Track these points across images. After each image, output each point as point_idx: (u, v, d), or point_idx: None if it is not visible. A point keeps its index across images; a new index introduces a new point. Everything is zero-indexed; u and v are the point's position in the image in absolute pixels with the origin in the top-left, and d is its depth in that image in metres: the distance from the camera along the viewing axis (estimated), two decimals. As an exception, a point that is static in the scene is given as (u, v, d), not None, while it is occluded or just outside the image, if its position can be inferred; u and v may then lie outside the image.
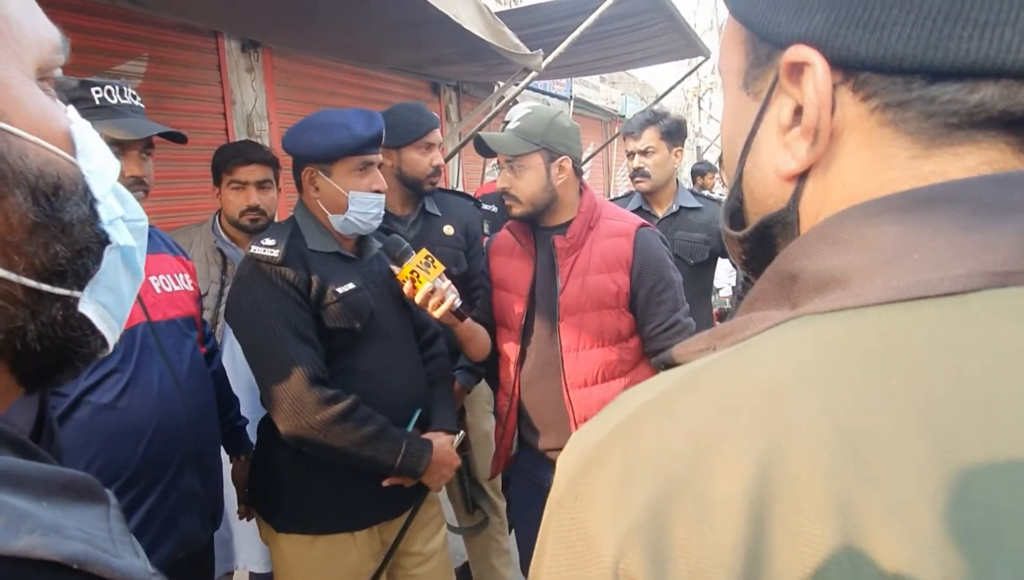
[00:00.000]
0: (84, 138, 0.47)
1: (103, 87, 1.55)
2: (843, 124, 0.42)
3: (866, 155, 0.42)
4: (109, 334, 0.49)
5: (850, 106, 0.42)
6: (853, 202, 0.42)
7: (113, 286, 0.48)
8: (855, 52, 0.40)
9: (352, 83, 5.26)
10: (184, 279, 1.81)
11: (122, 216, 0.49)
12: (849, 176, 0.43)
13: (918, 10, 0.37)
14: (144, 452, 1.56)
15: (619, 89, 12.53)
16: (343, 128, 1.73)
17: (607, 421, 0.40)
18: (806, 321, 0.38)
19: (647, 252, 1.89)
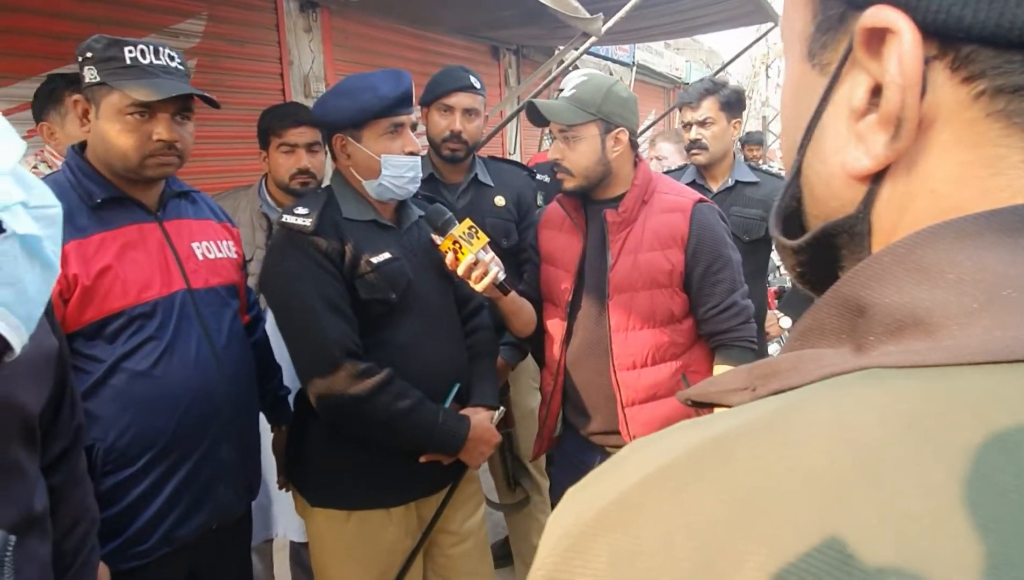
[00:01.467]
0: None
1: (135, 46, 1.49)
2: (935, 112, 0.33)
3: (965, 155, 0.32)
4: (9, 333, 0.42)
5: (946, 89, 0.32)
6: (945, 216, 0.32)
7: (12, 280, 0.41)
8: (957, 17, 0.30)
9: (410, 45, 5.19)
10: (228, 246, 1.77)
11: (22, 201, 0.43)
12: (941, 181, 0.33)
13: None
14: (179, 421, 1.55)
15: (684, 56, 12.18)
16: (368, 91, 1.67)
17: (604, 489, 0.31)
18: (875, 378, 0.29)
19: (704, 229, 1.79)
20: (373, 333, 1.72)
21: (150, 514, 1.53)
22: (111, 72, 1.46)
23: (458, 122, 2.27)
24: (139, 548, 1.52)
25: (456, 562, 1.98)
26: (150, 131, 1.50)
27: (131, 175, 1.54)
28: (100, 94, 1.48)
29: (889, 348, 0.30)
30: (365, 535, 1.78)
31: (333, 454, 1.77)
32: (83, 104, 1.52)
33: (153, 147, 1.51)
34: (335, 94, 1.72)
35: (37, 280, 0.45)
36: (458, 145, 2.29)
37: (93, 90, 1.49)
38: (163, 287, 1.57)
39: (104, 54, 1.47)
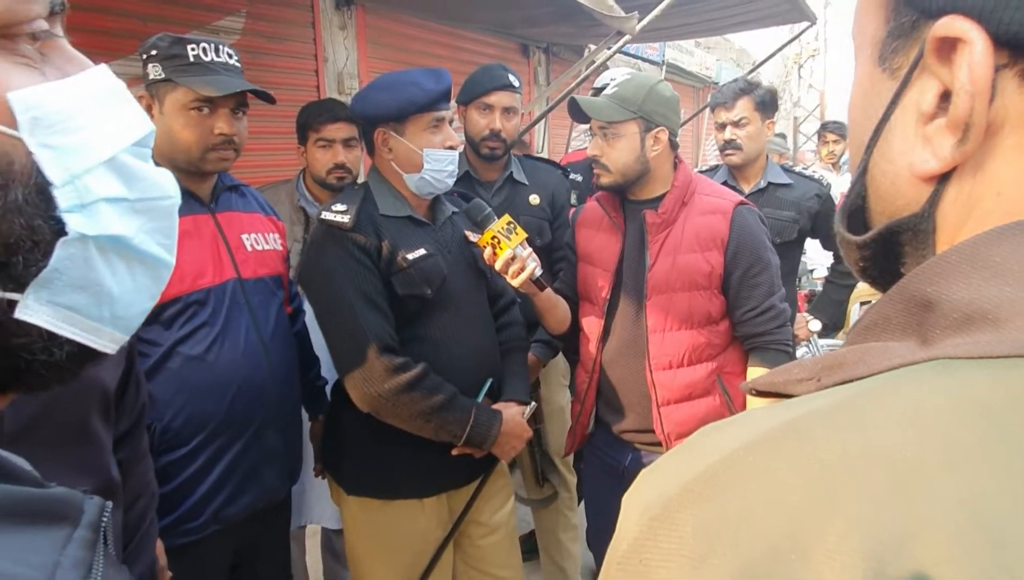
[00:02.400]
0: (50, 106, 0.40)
1: (198, 44, 1.56)
2: (1003, 118, 0.34)
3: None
4: (87, 338, 0.42)
5: (1015, 97, 0.34)
6: (1011, 218, 0.34)
7: (85, 284, 0.41)
8: None
9: (442, 43, 5.23)
10: (274, 239, 1.83)
11: (120, 197, 0.42)
12: (1006, 184, 0.35)
13: None
14: (229, 405, 1.61)
15: (714, 55, 12.09)
16: (411, 85, 1.71)
17: (682, 467, 0.33)
18: (945, 368, 0.30)
19: (744, 231, 1.79)
20: (408, 328, 1.75)
21: (201, 493, 1.59)
22: (175, 69, 1.53)
23: (498, 121, 2.29)
24: (191, 525, 1.59)
25: (485, 553, 2.01)
26: (212, 125, 1.57)
27: (192, 168, 1.60)
28: (164, 90, 1.55)
29: (956, 340, 0.31)
30: (398, 524, 1.82)
31: (368, 444, 1.81)
32: (147, 100, 1.58)
33: (214, 141, 1.59)
34: (376, 89, 1.75)
35: (128, 278, 0.44)
36: (497, 144, 2.31)
37: (157, 86, 1.56)
38: (215, 276, 1.63)
39: (169, 52, 1.54)
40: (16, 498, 0.36)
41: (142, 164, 0.45)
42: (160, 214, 0.46)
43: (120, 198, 0.43)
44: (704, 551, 0.29)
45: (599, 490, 2.10)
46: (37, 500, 0.36)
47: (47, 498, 0.37)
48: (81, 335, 0.42)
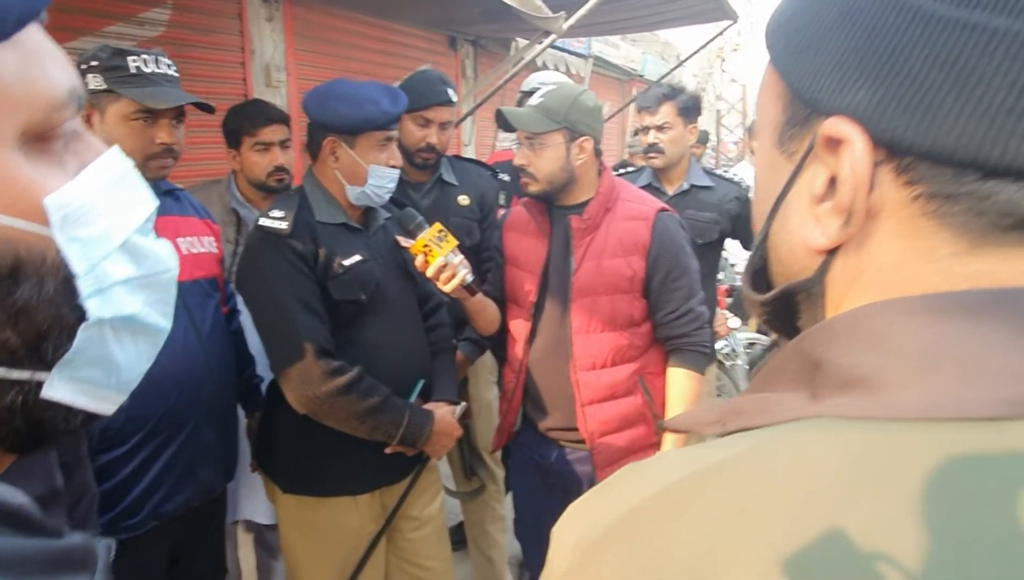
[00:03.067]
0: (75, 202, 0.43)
1: (139, 56, 1.59)
2: (881, 205, 0.38)
3: (904, 243, 0.38)
4: (98, 406, 0.47)
5: (890, 188, 0.38)
6: (887, 291, 0.38)
7: (99, 359, 0.45)
8: (900, 137, 0.36)
9: (371, 35, 5.21)
10: (209, 242, 1.86)
11: (130, 277, 0.46)
12: (884, 261, 0.39)
13: (977, 101, 0.33)
14: (167, 405, 1.65)
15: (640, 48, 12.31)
16: (371, 103, 1.75)
17: (608, 507, 0.38)
18: (830, 427, 0.35)
19: (665, 237, 1.88)
20: (343, 332, 1.80)
21: (140, 490, 1.63)
22: (117, 80, 1.56)
23: (434, 135, 2.33)
24: (130, 522, 1.62)
25: (416, 545, 2.08)
26: (153, 135, 1.61)
27: None
28: (106, 101, 1.58)
29: (839, 400, 0.36)
30: (333, 520, 1.88)
31: (303, 443, 1.85)
32: (87, 110, 1.59)
33: (155, 150, 1.63)
34: (335, 98, 1.77)
35: (132, 348, 0.48)
36: (431, 155, 2.35)
37: (98, 97, 1.58)
38: None
39: (109, 63, 1.56)
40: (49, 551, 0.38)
41: (148, 242, 0.49)
42: (162, 286, 0.50)
43: (131, 278, 0.47)
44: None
45: (525, 485, 2.19)
46: (58, 552, 0.39)
47: (67, 549, 0.39)
48: (94, 404, 0.46)
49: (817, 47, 0.40)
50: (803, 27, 0.42)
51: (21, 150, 0.40)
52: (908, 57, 0.35)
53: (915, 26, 0.35)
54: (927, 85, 0.35)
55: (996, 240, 0.35)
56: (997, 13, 0.33)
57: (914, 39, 0.35)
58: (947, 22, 0.34)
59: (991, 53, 0.33)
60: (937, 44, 0.34)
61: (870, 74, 0.37)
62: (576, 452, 2.00)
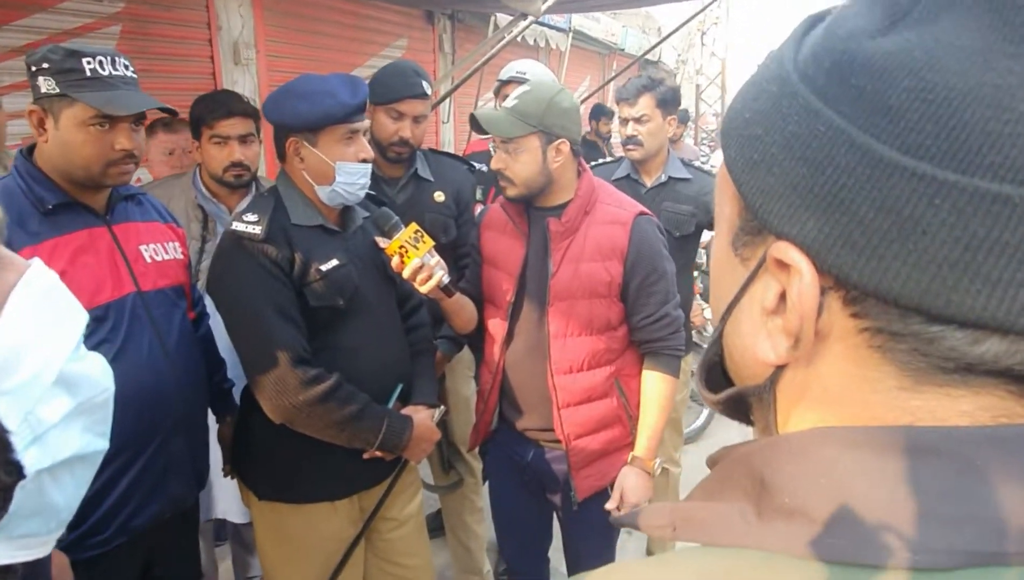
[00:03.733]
0: (4, 349, 0.40)
1: (94, 58, 1.50)
2: (829, 329, 0.39)
3: (851, 369, 0.38)
4: (37, 553, 0.44)
5: (839, 315, 0.38)
6: (833, 411, 0.39)
7: (38, 510, 0.43)
8: (847, 274, 0.36)
9: (344, 9, 5.08)
10: (174, 247, 1.80)
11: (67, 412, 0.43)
12: (831, 383, 0.40)
13: (921, 252, 0.33)
14: (133, 419, 1.58)
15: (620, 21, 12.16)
16: (328, 96, 1.68)
17: None
18: (770, 563, 0.36)
19: (643, 242, 1.86)
20: (321, 337, 1.76)
21: (107, 506, 1.58)
22: (71, 84, 1.47)
23: (408, 129, 2.27)
24: (97, 538, 1.58)
25: (396, 545, 2.07)
26: (112, 141, 1.53)
27: (91, 183, 1.56)
28: (60, 105, 1.49)
29: (780, 526, 0.36)
30: (310, 526, 1.86)
31: (278, 450, 1.82)
32: (39, 114, 1.51)
33: (115, 156, 1.54)
34: (290, 96, 1.71)
35: (71, 483, 0.45)
36: (404, 149, 2.30)
37: (51, 101, 1.49)
38: (114, 291, 1.59)
39: (62, 65, 1.47)
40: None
41: (81, 366, 0.45)
42: (99, 407, 0.47)
43: (67, 413, 0.43)
44: None
45: (503, 483, 2.19)
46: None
47: None
48: (33, 554, 0.44)
49: (769, 165, 0.39)
50: (756, 140, 0.41)
51: None
52: (856, 197, 0.35)
53: (863, 167, 0.35)
54: (873, 228, 0.35)
55: (939, 379, 0.36)
56: (945, 166, 0.33)
57: (861, 180, 0.35)
58: (895, 168, 0.34)
59: (937, 205, 0.33)
60: (884, 189, 0.34)
61: (818, 207, 0.37)
62: (553, 451, 2.00)
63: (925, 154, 0.33)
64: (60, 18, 3.11)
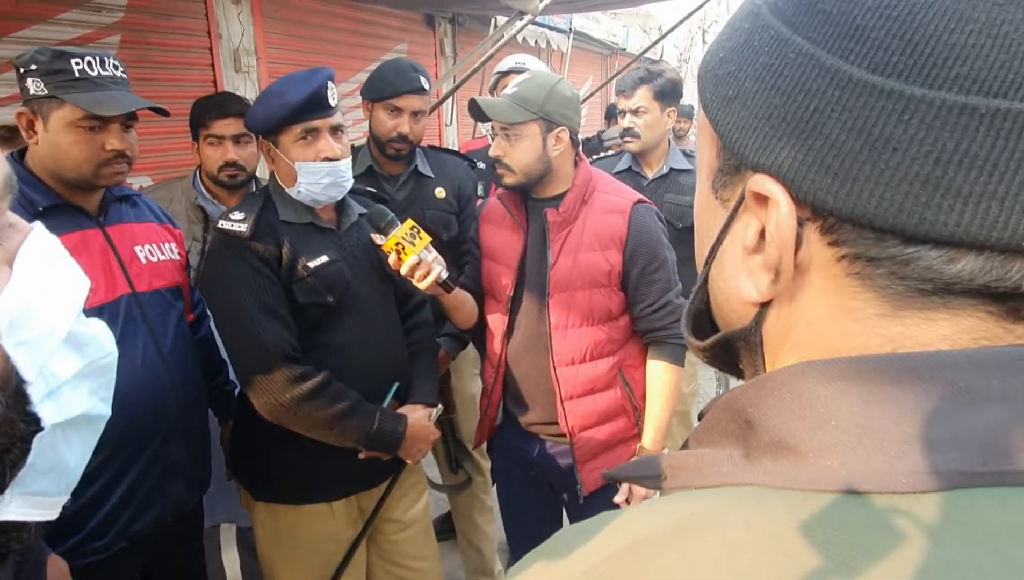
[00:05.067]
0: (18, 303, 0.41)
1: (83, 58, 1.49)
2: (810, 261, 0.39)
3: (831, 300, 0.38)
4: (47, 515, 0.44)
5: (817, 246, 0.38)
6: (817, 347, 0.39)
7: (51, 467, 0.43)
8: (822, 200, 0.36)
9: (344, 15, 5.08)
10: (171, 248, 1.79)
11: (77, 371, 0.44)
12: (814, 317, 0.39)
13: (893, 170, 0.34)
14: (128, 423, 1.57)
15: (621, 21, 12.15)
16: (275, 97, 1.67)
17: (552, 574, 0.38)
18: (759, 500, 0.35)
19: (642, 231, 1.84)
20: (311, 335, 1.75)
21: (106, 511, 1.57)
22: (60, 85, 1.46)
23: (406, 124, 2.26)
24: (97, 543, 1.57)
25: (401, 547, 2.05)
26: (103, 141, 1.53)
27: (83, 184, 1.56)
28: (49, 107, 1.48)
29: (767, 464, 0.36)
30: (308, 527, 1.84)
31: (275, 451, 1.80)
32: (28, 116, 1.50)
33: (106, 157, 1.54)
34: (259, 99, 1.72)
35: (79, 445, 0.46)
36: (403, 145, 2.29)
37: (40, 102, 1.48)
38: (108, 292, 1.58)
39: (50, 67, 1.46)
40: None
41: (88, 328, 0.46)
42: (103, 371, 0.48)
43: (77, 372, 0.44)
44: None
45: (510, 479, 2.16)
46: None
47: None
48: (44, 514, 0.44)
49: (743, 100, 0.40)
50: (730, 76, 0.41)
51: None
52: (827, 121, 0.35)
53: (833, 89, 0.35)
54: (846, 150, 0.35)
55: (919, 303, 0.36)
56: (912, 81, 0.33)
57: (832, 102, 0.35)
58: (864, 87, 0.34)
59: (906, 122, 0.33)
60: (854, 109, 0.35)
61: (792, 135, 0.37)
62: (558, 446, 1.97)
63: (892, 71, 0.33)
64: (59, 29, 3.11)
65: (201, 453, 1.84)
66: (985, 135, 0.32)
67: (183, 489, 1.75)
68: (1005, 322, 0.35)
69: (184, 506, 1.77)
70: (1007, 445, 0.32)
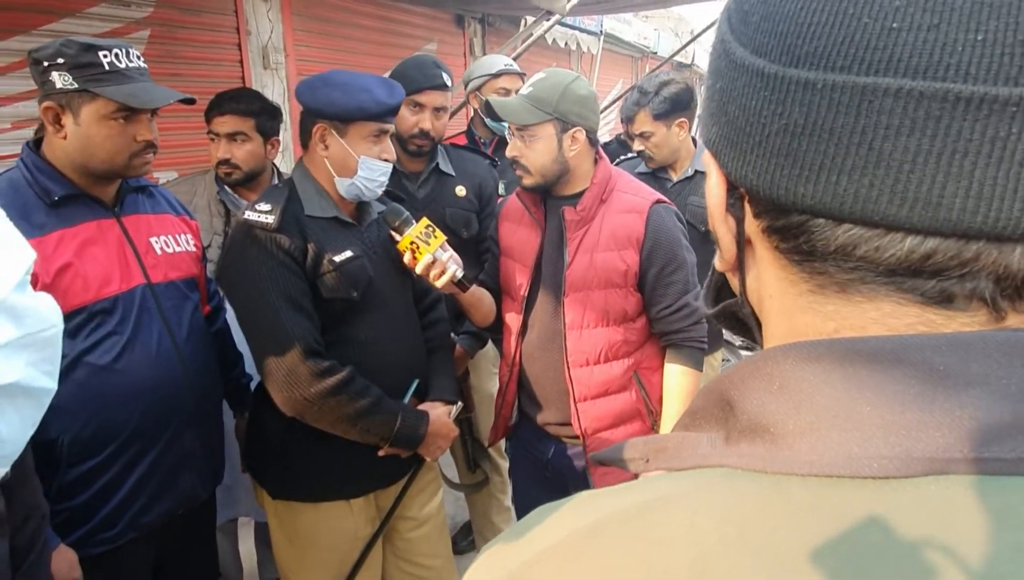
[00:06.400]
0: None
1: (110, 51, 1.50)
2: (754, 235, 0.40)
3: (777, 272, 0.40)
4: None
5: (751, 221, 0.40)
6: (781, 318, 0.40)
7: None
8: (730, 172, 0.39)
9: (373, 13, 5.09)
10: (187, 240, 1.79)
11: (10, 340, 0.43)
12: (773, 290, 0.41)
13: (764, 143, 0.36)
14: (142, 412, 1.58)
15: (652, 24, 12.08)
16: (365, 91, 1.68)
17: (512, 553, 0.39)
18: (729, 482, 0.35)
19: (660, 231, 1.81)
20: (334, 330, 1.74)
21: (116, 501, 1.57)
22: (90, 78, 1.48)
23: (428, 120, 2.26)
24: (106, 534, 1.57)
25: (415, 545, 2.04)
26: (134, 133, 1.55)
27: (112, 175, 1.58)
28: (80, 101, 1.49)
29: (743, 447, 0.36)
30: (325, 525, 1.83)
31: (292, 448, 1.79)
32: (55, 110, 1.51)
33: (137, 148, 1.56)
34: (328, 84, 1.70)
35: (16, 416, 0.45)
36: (425, 142, 2.29)
37: (69, 96, 1.49)
38: (123, 282, 1.59)
39: (79, 60, 1.47)
40: None
41: (27, 299, 0.45)
42: (45, 344, 0.47)
43: (10, 341, 0.43)
44: None
45: (526, 479, 2.15)
46: None
47: None
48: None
49: (707, 101, 0.43)
50: (708, 89, 0.44)
51: None
52: (729, 100, 0.38)
53: (732, 71, 0.38)
54: (737, 125, 0.37)
55: (834, 283, 0.36)
56: (774, 59, 0.35)
57: (729, 83, 0.38)
58: (746, 67, 0.37)
59: (766, 97, 0.35)
60: (739, 88, 0.37)
61: (716, 115, 0.40)
62: (574, 447, 1.95)
63: (762, 50, 0.36)
64: (88, 23, 3.14)
65: (215, 445, 1.84)
66: (828, 108, 0.33)
67: (195, 481, 1.75)
68: (935, 307, 0.35)
69: (196, 498, 1.77)
70: (985, 431, 0.31)
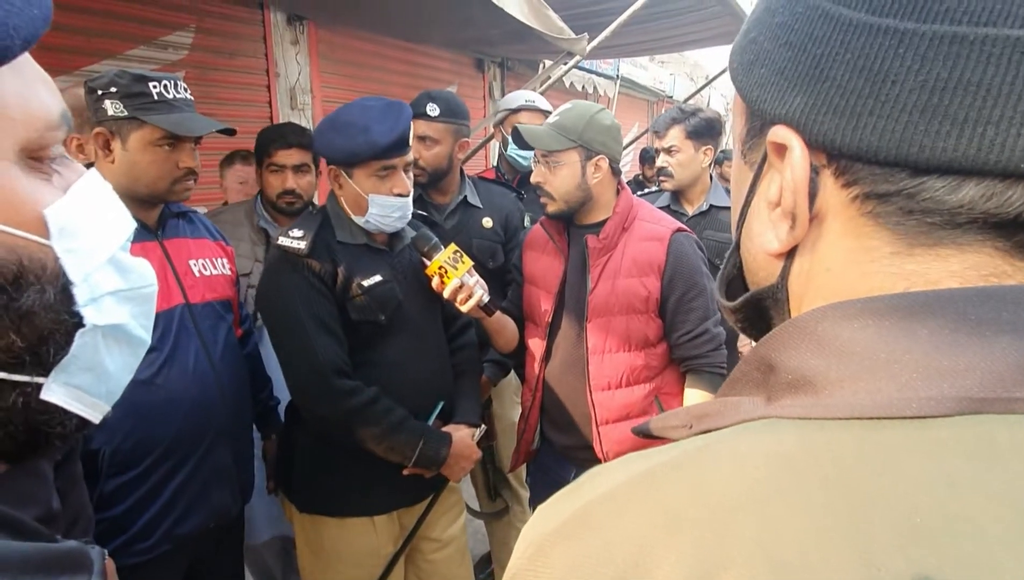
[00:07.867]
0: (70, 216, 0.46)
1: (159, 82, 1.60)
2: (826, 208, 0.41)
3: (849, 243, 0.40)
4: (88, 413, 0.49)
5: (832, 191, 0.40)
6: (836, 291, 0.41)
7: (92, 366, 0.48)
8: (832, 140, 0.38)
9: (396, 57, 5.24)
10: (223, 264, 1.87)
11: (119, 289, 0.49)
12: (833, 262, 0.41)
13: (893, 101, 0.36)
14: (178, 427, 1.64)
15: (668, 69, 12.28)
16: (361, 133, 1.70)
17: (564, 507, 0.40)
18: (772, 427, 0.37)
19: (680, 258, 1.86)
20: (363, 352, 1.79)
21: (152, 513, 1.62)
22: (140, 107, 1.57)
23: (416, 151, 2.26)
24: (142, 545, 1.61)
25: (437, 567, 2.06)
26: (176, 160, 1.63)
27: (155, 199, 1.66)
28: (129, 128, 1.58)
29: (786, 401, 0.38)
30: (349, 540, 1.86)
31: (320, 464, 1.84)
32: (105, 136, 1.60)
33: (180, 174, 1.65)
34: (332, 127, 1.75)
35: (119, 358, 0.50)
36: (417, 171, 2.26)
37: (119, 123, 1.58)
38: (163, 302, 1.65)
39: (130, 89, 1.56)
40: (46, 553, 0.41)
41: (130, 258, 0.51)
42: (144, 300, 0.53)
43: (119, 290, 0.50)
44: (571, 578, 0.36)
45: (546, 506, 2.15)
46: (61, 554, 0.42)
47: (64, 551, 0.43)
48: (85, 411, 0.49)
49: (763, 60, 0.43)
50: (753, 43, 0.45)
51: (19, 166, 0.44)
52: (832, 63, 0.38)
53: (836, 33, 0.38)
54: (849, 89, 0.37)
55: (928, 240, 0.37)
56: (906, 18, 0.35)
57: (836, 46, 0.38)
58: (862, 27, 0.37)
59: (902, 55, 0.35)
60: (855, 49, 0.37)
61: (803, 82, 0.40)
62: (595, 472, 1.95)
63: (888, 10, 0.36)
64: (127, 65, 3.24)
65: (245, 462, 1.89)
66: (976, 61, 0.34)
67: (227, 495, 1.80)
68: (1012, 259, 0.37)
69: (227, 513, 1.82)
70: (1016, 374, 0.33)
